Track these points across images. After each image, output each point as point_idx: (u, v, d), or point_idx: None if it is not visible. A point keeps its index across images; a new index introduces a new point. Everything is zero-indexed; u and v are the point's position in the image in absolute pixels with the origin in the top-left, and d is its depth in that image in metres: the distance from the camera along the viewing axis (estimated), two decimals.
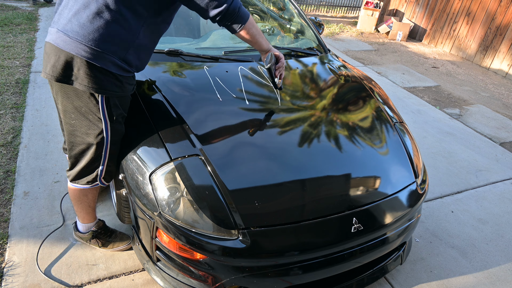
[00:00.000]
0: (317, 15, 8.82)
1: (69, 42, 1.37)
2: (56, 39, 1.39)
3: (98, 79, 1.42)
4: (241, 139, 1.68)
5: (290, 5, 3.00)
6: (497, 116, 4.53)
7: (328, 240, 1.51)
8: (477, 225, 2.58)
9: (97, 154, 1.60)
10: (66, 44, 1.37)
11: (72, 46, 1.37)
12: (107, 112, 1.51)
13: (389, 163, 1.82)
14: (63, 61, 1.39)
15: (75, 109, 1.50)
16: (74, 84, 1.42)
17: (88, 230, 1.91)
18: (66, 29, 1.37)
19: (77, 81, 1.42)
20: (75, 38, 1.36)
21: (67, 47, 1.37)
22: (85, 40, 1.36)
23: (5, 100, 3.28)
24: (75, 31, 1.36)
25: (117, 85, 1.49)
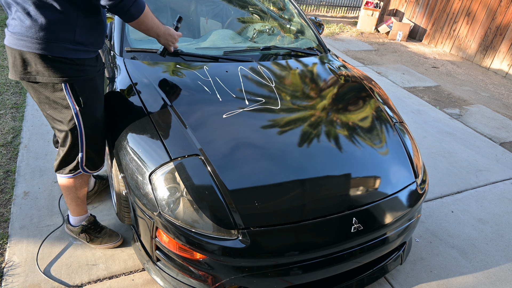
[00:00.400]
0: (317, 15, 8.82)
1: (17, 40, 1.42)
2: (8, 39, 1.45)
3: (56, 68, 1.46)
4: (241, 139, 1.68)
5: (290, 5, 3.00)
6: (497, 116, 4.53)
7: (328, 240, 1.51)
8: (477, 225, 2.58)
9: (73, 140, 1.64)
10: (16, 43, 1.42)
11: (21, 43, 1.41)
12: (73, 98, 1.54)
13: (389, 163, 1.82)
14: (19, 59, 1.44)
15: (45, 100, 1.55)
16: (37, 79, 1.47)
17: (78, 223, 1.95)
18: (12, 29, 1.42)
19: (38, 75, 1.46)
20: (21, 35, 1.40)
21: (18, 45, 1.42)
22: (30, 35, 1.39)
23: (5, 100, 3.28)
24: (19, 29, 1.40)
25: (77, 70, 1.51)
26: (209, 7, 2.81)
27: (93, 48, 1.57)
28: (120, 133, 1.70)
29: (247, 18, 2.78)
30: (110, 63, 2.10)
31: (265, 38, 2.59)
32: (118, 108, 1.81)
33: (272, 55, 2.40)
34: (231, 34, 2.50)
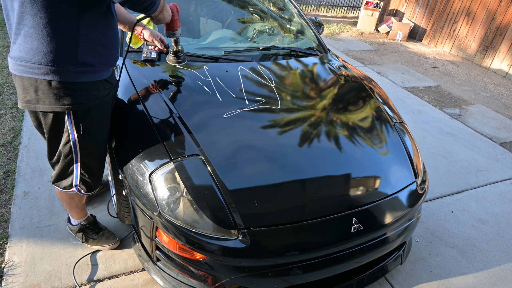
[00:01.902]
0: (317, 15, 8.82)
1: (17, 65, 1.33)
2: (11, 66, 1.37)
3: (57, 96, 1.36)
4: (241, 139, 1.68)
5: (290, 5, 3.00)
6: (497, 116, 4.53)
7: (328, 240, 1.51)
8: (477, 225, 2.58)
9: (67, 162, 1.58)
10: (16, 68, 1.34)
11: (20, 68, 1.33)
12: (73, 125, 1.46)
13: (389, 163, 1.82)
14: (21, 86, 1.36)
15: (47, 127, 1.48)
16: (36, 108, 1.38)
17: (77, 223, 1.95)
18: (13, 55, 1.34)
19: (38, 104, 1.37)
20: (19, 59, 1.32)
21: (18, 71, 1.34)
22: (28, 58, 1.30)
23: (5, 100, 3.28)
24: (17, 53, 1.32)
25: (82, 96, 1.41)
26: (209, 7, 2.81)
27: (101, 67, 1.44)
28: (120, 133, 1.70)
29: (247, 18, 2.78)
30: None
31: (265, 38, 2.59)
32: (118, 108, 1.81)
33: (272, 55, 2.40)
34: (231, 34, 2.50)
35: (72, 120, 1.45)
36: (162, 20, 1.64)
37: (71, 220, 1.96)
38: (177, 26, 1.75)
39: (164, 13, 1.61)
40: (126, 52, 1.72)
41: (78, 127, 1.48)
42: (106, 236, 1.99)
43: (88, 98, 1.44)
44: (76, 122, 1.46)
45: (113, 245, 1.99)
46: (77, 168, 1.61)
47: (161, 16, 1.60)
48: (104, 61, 1.45)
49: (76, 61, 1.34)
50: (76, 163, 1.59)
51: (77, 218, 1.93)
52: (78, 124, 1.47)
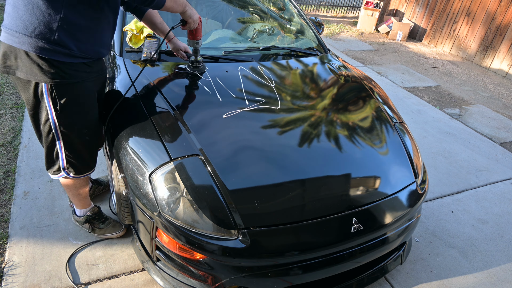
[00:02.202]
0: (317, 15, 8.82)
1: (3, 34, 1.42)
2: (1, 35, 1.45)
3: (32, 66, 1.41)
4: (241, 139, 1.68)
5: (290, 5, 3.00)
6: (497, 116, 4.53)
7: (328, 240, 1.51)
8: (477, 225, 2.58)
9: (50, 142, 1.63)
10: (3, 36, 1.43)
11: (5, 36, 1.41)
12: (51, 100, 1.50)
13: (389, 163, 1.82)
14: (2, 52, 1.43)
15: (28, 100, 1.53)
16: (16, 73, 1.44)
17: (83, 214, 1.99)
18: (3, 23, 1.43)
19: (17, 70, 1.43)
20: (4, 26, 1.41)
21: (3, 38, 1.42)
22: (13, 28, 1.38)
23: (5, 100, 3.28)
24: (5, 22, 1.41)
25: (56, 73, 1.44)
26: (209, 7, 2.81)
27: (79, 53, 1.47)
28: (120, 133, 1.70)
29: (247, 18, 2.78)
30: (110, 63, 2.10)
31: (265, 38, 2.59)
32: (118, 108, 1.81)
33: (272, 55, 2.40)
34: (231, 34, 2.50)
35: (49, 96, 1.49)
36: (192, 25, 1.81)
37: (77, 212, 2.00)
38: (200, 36, 1.92)
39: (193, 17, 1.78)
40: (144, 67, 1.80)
41: (55, 104, 1.51)
42: (112, 225, 2.04)
43: (62, 76, 1.47)
44: (53, 99, 1.50)
45: (120, 233, 2.04)
46: (61, 148, 1.64)
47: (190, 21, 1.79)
48: (84, 49, 1.49)
49: (53, 40, 1.39)
50: (58, 142, 1.62)
51: (82, 208, 1.96)
52: (55, 101, 1.51)
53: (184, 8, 1.73)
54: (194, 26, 1.83)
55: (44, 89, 1.47)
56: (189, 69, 2.02)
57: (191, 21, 1.79)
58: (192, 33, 1.88)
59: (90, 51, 1.52)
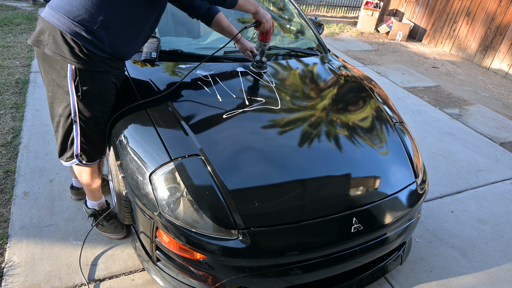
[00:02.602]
0: (317, 15, 8.82)
1: (47, 10, 1.48)
2: (44, 11, 1.51)
3: (63, 47, 1.46)
4: (241, 139, 1.68)
5: (290, 5, 3.00)
6: (497, 116, 4.53)
7: (328, 240, 1.51)
8: (477, 225, 2.58)
9: (67, 128, 1.65)
10: (46, 12, 1.49)
11: (48, 13, 1.47)
12: (74, 85, 1.54)
13: (389, 163, 1.82)
14: (40, 27, 1.49)
15: (51, 81, 1.57)
16: (44, 49, 1.48)
17: (92, 207, 2.03)
18: (50, 2, 1.50)
19: (46, 47, 1.48)
20: (51, 6, 1.47)
21: (45, 14, 1.48)
22: (59, 8, 1.44)
23: (5, 100, 3.28)
24: (54, 1, 1.47)
25: (82, 57, 1.49)
26: None
27: (109, 50, 1.55)
28: (120, 133, 1.70)
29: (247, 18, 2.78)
30: None
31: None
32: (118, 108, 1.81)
33: (272, 55, 2.40)
34: None
35: (72, 80, 1.53)
36: (267, 25, 1.88)
37: (87, 203, 2.03)
38: (270, 38, 2.00)
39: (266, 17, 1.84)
40: None
41: (78, 90, 1.55)
42: (114, 226, 2.04)
43: (88, 63, 1.52)
44: (76, 85, 1.54)
45: (119, 235, 2.05)
46: (77, 135, 1.67)
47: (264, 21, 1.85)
48: (115, 48, 1.56)
49: (91, 30, 1.46)
50: (76, 128, 1.65)
51: (93, 200, 1.99)
52: (78, 87, 1.54)
53: (257, 8, 1.78)
54: (268, 26, 1.89)
55: (69, 72, 1.51)
56: (252, 68, 2.11)
57: (264, 21, 1.86)
58: (262, 35, 1.96)
59: (118, 52, 1.59)
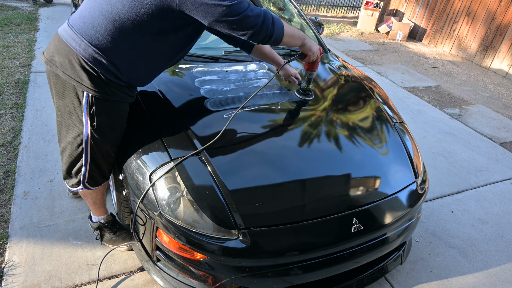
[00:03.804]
0: (317, 15, 8.82)
1: (67, 30, 1.41)
2: (62, 28, 1.45)
3: (80, 72, 1.39)
4: (241, 139, 1.68)
5: (290, 5, 3.00)
6: (497, 116, 4.53)
7: (328, 240, 1.51)
8: (477, 225, 2.58)
9: (76, 156, 1.58)
10: (65, 32, 1.41)
11: (68, 33, 1.40)
12: (89, 114, 1.47)
13: (389, 163, 1.82)
14: (55, 46, 1.42)
15: (62, 106, 1.50)
16: (57, 71, 1.42)
17: (97, 221, 1.95)
18: (72, 21, 1.42)
19: (61, 68, 1.41)
20: (73, 27, 1.40)
21: (64, 34, 1.41)
22: (79, 30, 1.37)
23: (5, 100, 3.28)
24: (76, 23, 1.40)
25: (100, 85, 1.42)
26: None
27: (126, 79, 1.48)
28: None
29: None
30: None
31: None
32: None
33: None
34: None
35: (88, 109, 1.46)
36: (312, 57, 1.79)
37: (92, 217, 1.96)
38: (317, 67, 1.90)
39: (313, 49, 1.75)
40: None
41: (93, 119, 1.48)
42: (122, 237, 1.97)
43: (106, 91, 1.45)
44: (91, 114, 1.47)
45: (128, 245, 1.98)
46: (86, 163, 1.60)
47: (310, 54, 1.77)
48: (132, 78, 1.49)
49: (111, 60, 1.40)
50: (85, 157, 1.58)
51: (97, 215, 1.92)
52: (93, 117, 1.48)
53: (303, 41, 1.69)
54: (314, 59, 1.81)
55: (84, 100, 1.44)
56: (298, 94, 2.02)
57: (310, 54, 1.78)
58: (309, 64, 1.87)
59: (135, 81, 1.52)
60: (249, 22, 1.38)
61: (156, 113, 1.73)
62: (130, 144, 1.65)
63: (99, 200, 1.85)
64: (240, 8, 1.35)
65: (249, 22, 1.38)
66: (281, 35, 1.52)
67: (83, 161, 1.59)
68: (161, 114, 1.73)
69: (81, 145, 1.54)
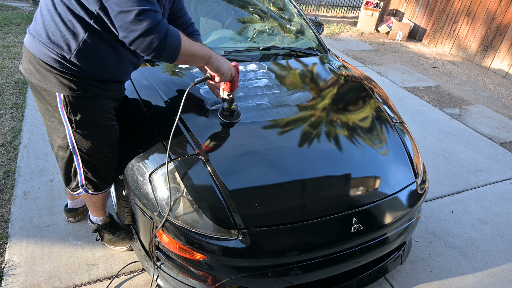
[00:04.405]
0: (317, 15, 8.82)
1: (28, 37, 1.43)
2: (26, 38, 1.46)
3: (46, 75, 1.38)
4: (241, 139, 1.68)
5: (290, 5, 3.00)
6: (497, 116, 4.53)
7: (328, 240, 1.51)
8: (477, 225, 2.58)
9: (67, 158, 1.58)
10: (26, 39, 1.44)
11: (28, 40, 1.42)
12: (66, 115, 1.44)
13: (389, 163, 1.82)
14: (24, 54, 1.44)
15: (45, 110, 1.51)
16: (30, 78, 1.43)
17: (96, 221, 1.96)
18: (29, 27, 1.44)
19: (32, 75, 1.42)
20: (29, 32, 1.41)
21: (26, 41, 1.43)
22: (35, 34, 1.38)
23: (5, 100, 3.28)
24: (31, 27, 1.42)
25: (67, 83, 1.38)
26: (209, 7, 2.81)
27: (92, 75, 1.41)
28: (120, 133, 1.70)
29: (247, 18, 2.78)
30: None
31: (265, 38, 2.59)
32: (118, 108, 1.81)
33: (272, 55, 2.40)
34: (231, 34, 2.50)
35: (64, 110, 1.44)
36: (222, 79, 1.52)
37: (91, 217, 1.96)
38: (236, 87, 1.63)
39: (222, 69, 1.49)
40: None
41: (71, 121, 1.47)
42: (122, 237, 1.97)
43: (76, 89, 1.40)
44: (68, 115, 1.45)
45: (128, 247, 1.98)
46: (79, 165, 1.59)
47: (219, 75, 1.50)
48: (98, 73, 1.42)
49: (68, 59, 1.36)
50: (76, 159, 1.57)
51: (96, 216, 1.93)
52: (71, 117, 1.46)
53: (209, 60, 1.45)
54: (226, 79, 1.54)
55: (58, 102, 1.43)
56: (221, 117, 1.73)
57: (219, 75, 1.51)
58: (225, 84, 1.60)
59: (105, 76, 1.45)
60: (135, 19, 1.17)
61: (156, 113, 1.73)
62: (129, 144, 1.65)
63: (99, 203, 1.85)
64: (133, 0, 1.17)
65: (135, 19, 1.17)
66: (176, 52, 1.30)
67: (76, 163, 1.59)
68: (161, 114, 1.73)
69: (68, 147, 1.54)
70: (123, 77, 1.54)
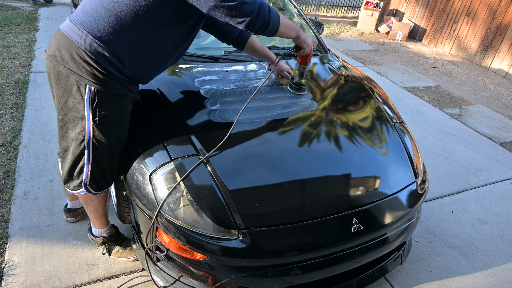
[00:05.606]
0: (317, 15, 8.82)
1: (68, 24, 1.41)
2: (64, 24, 1.44)
3: (81, 66, 1.38)
4: (241, 139, 1.68)
5: (290, 5, 3.00)
6: (497, 116, 4.53)
7: (328, 240, 1.51)
8: (477, 225, 2.58)
9: (78, 154, 1.55)
10: (65, 26, 1.41)
11: (67, 27, 1.40)
12: (91, 109, 1.44)
13: (389, 163, 1.82)
14: (56, 41, 1.41)
15: (64, 103, 1.47)
16: (57, 65, 1.40)
17: (100, 235, 1.91)
18: (74, 16, 1.42)
19: (62, 63, 1.39)
20: (75, 22, 1.39)
21: (64, 28, 1.41)
22: (81, 23, 1.37)
23: (5, 100, 3.28)
24: (78, 17, 1.40)
25: (102, 78, 1.41)
26: None
27: (128, 73, 1.47)
28: None
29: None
30: None
31: (265, 38, 2.59)
32: None
33: None
34: None
35: (90, 104, 1.44)
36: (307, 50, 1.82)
37: (93, 230, 1.90)
38: (310, 61, 1.93)
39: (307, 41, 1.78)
40: None
41: (95, 114, 1.46)
42: (129, 248, 1.94)
43: (108, 85, 1.43)
44: (93, 109, 1.45)
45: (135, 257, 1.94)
46: (88, 162, 1.56)
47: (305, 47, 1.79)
48: (134, 72, 1.48)
49: (114, 51, 1.39)
50: (87, 156, 1.55)
51: (99, 227, 1.87)
52: (95, 111, 1.46)
53: (298, 33, 1.71)
54: (308, 51, 1.83)
55: (86, 95, 1.42)
56: (290, 89, 2.04)
57: (305, 46, 1.80)
58: (302, 58, 1.90)
59: (137, 75, 1.51)
60: (246, 8, 1.38)
61: (156, 113, 1.73)
62: (130, 144, 1.65)
63: (101, 208, 1.80)
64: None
65: (246, 8, 1.38)
66: (278, 25, 1.53)
67: (85, 160, 1.55)
68: (161, 114, 1.73)
69: (83, 141, 1.51)
70: (148, 79, 1.59)
